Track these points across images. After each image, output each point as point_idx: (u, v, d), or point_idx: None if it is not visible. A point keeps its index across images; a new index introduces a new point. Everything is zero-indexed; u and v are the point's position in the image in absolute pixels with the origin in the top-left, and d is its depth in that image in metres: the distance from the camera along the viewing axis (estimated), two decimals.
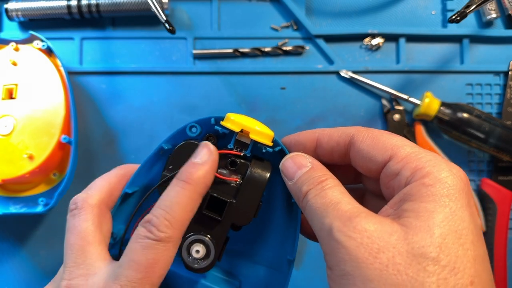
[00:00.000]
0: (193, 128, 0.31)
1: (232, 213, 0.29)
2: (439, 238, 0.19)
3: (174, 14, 0.52)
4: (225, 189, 0.29)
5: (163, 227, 0.25)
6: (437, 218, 0.20)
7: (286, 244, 0.32)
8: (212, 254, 0.29)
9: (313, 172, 0.25)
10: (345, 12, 0.52)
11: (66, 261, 0.26)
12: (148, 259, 0.24)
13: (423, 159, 0.22)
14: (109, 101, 0.51)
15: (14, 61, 0.45)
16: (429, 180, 0.21)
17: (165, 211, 0.25)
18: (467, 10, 0.41)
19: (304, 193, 0.24)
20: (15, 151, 0.43)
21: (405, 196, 0.22)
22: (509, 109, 0.50)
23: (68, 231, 0.27)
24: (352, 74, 0.50)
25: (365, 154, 0.25)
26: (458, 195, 0.21)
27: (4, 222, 0.49)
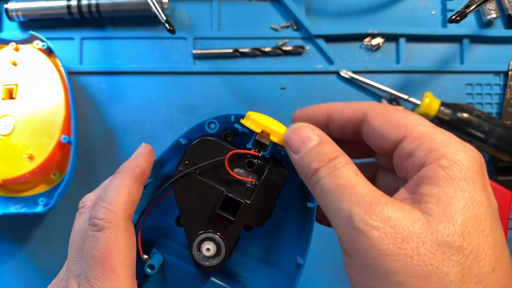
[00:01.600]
0: (211, 124, 0.30)
1: (245, 214, 0.28)
2: (462, 226, 0.19)
3: (174, 14, 0.52)
4: (241, 189, 0.29)
5: (101, 214, 0.25)
6: (458, 205, 0.20)
7: (297, 247, 0.32)
8: (223, 253, 0.29)
9: (323, 147, 0.23)
10: (345, 12, 0.52)
11: (88, 272, 0.25)
12: (99, 250, 0.24)
13: (438, 139, 0.21)
14: (109, 101, 0.51)
15: (14, 61, 0.45)
16: (445, 162, 0.21)
17: (101, 201, 0.26)
18: (467, 10, 0.41)
19: (314, 170, 0.23)
20: (15, 151, 0.43)
21: (421, 179, 0.21)
22: (509, 109, 0.50)
23: (91, 240, 0.25)
24: (352, 74, 0.50)
25: (378, 132, 0.24)
26: (475, 178, 0.20)
27: (4, 222, 0.49)
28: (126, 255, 0.25)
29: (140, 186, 0.28)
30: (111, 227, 0.25)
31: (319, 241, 0.49)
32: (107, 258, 0.24)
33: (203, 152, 0.29)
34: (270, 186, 0.28)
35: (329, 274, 0.49)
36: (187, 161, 0.29)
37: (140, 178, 0.28)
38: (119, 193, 0.26)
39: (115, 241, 0.25)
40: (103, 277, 0.24)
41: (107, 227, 0.25)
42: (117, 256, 0.25)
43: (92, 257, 0.25)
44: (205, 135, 0.30)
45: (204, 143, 0.29)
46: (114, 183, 0.27)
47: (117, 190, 0.27)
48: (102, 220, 0.25)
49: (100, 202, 0.26)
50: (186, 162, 0.29)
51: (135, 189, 0.27)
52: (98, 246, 0.25)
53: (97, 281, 0.24)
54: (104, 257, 0.24)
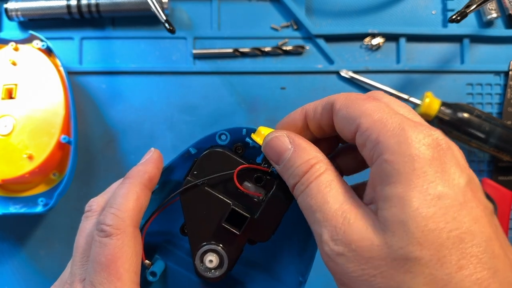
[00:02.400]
0: (222, 135, 0.30)
1: (251, 228, 0.28)
2: (417, 233, 0.18)
3: (174, 14, 0.52)
4: (247, 203, 0.29)
5: (109, 220, 0.25)
6: (410, 207, 0.18)
7: (300, 264, 0.32)
8: (225, 266, 0.29)
9: (297, 158, 0.23)
10: (345, 12, 0.52)
11: (94, 277, 0.25)
12: (106, 256, 0.24)
13: (387, 127, 0.20)
14: (109, 101, 0.51)
15: (13, 61, 0.45)
16: (390, 156, 0.19)
17: (110, 207, 0.26)
18: (467, 10, 0.41)
19: (292, 187, 0.23)
20: (14, 151, 0.43)
21: (374, 177, 0.20)
22: (509, 109, 0.50)
23: (99, 246, 0.25)
24: (352, 74, 0.50)
25: (340, 122, 0.23)
26: (427, 168, 0.19)
27: (4, 222, 0.49)
28: (132, 262, 0.25)
29: (148, 193, 0.28)
30: (119, 233, 0.25)
31: None
32: (113, 264, 0.24)
33: (213, 164, 0.29)
34: (277, 202, 0.28)
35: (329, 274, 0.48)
36: (196, 171, 0.29)
37: (148, 184, 0.28)
38: (128, 199, 0.26)
39: (122, 248, 0.25)
40: (108, 284, 0.24)
41: (114, 234, 0.25)
42: (123, 263, 0.25)
43: (98, 262, 0.25)
44: (215, 146, 0.30)
45: (214, 155, 0.29)
46: (123, 188, 0.27)
47: (126, 196, 0.27)
48: (110, 226, 0.25)
49: (109, 207, 0.26)
50: (195, 172, 0.29)
51: (144, 195, 0.27)
52: (105, 252, 0.25)
53: (102, 287, 0.24)
54: (110, 263, 0.24)
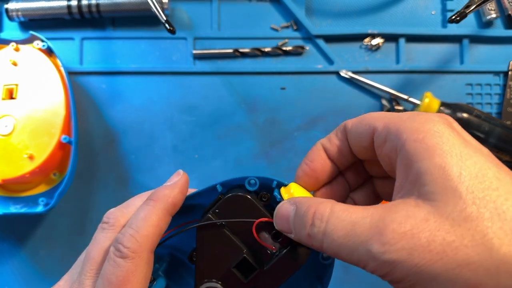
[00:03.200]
0: (252, 181, 0.30)
1: (257, 279, 0.29)
2: (468, 195, 0.18)
3: (174, 14, 0.52)
4: (260, 253, 0.29)
5: (128, 242, 0.25)
6: (452, 174, 0.19)
7: None
8: None
9: (300, 210, 0.23)
10: (345, 12, 0.52)
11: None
12: (118, 277, 0.25)
13: (403, 117, 0.22)
14: (109, 101, 0.51)
15: (14, 61, 0.45)
16: (418, 135, 0.20)
17: (130, 227, 0.26)
18: (467, 10, 0.41)
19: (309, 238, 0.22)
20: (15, 151, 0.43)
21: (406, 160, 0.20)
22: (509, 109, 0.50)
23: (112, 265, 0.25)
24: (352, 74, 0.50)
25: (354, 135, 0.25)
26: (454, 139, 0.20)
27: (4, 222, 0.49)
28: (141, 286, 0.25)
29: (169, 218, 0.28)
30: (135, 257, 0.25)
31: None
32: (123, 286, 0.25)
33: (236, 207, 0.29)
34: (289, 261, 0.28)
35: None
36: (218, 210, 0.29)
37: (171, 209, 0.28)
38: (149, 223, 0.26)
39: (135, 272, 0.25)
40: None
41: (131, 257, 0.25)
42: (133, 287, 0.25)
43: (109, 281, 0.25)
44: (241, 186, 0.30)
45: (239, 200, 0.29)
46: (146, 211, 0.27)
47: (147, 220, 0.27)
48: (128, 248, 0.25)
49: (128, 228, 0.26)
50: (216, 211, 0.29)
51: (164, 220, 0.28)
52: (117, 273, 0.25)
53: None
54: (121, 285, 0.25)
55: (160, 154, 0.50)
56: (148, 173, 0.50)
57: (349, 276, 0.48)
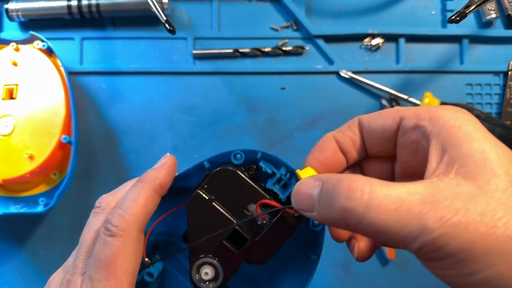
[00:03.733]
0: (237, 155, 0.31)
1: (249, 250, 0.29)
2: (508, 177, 0.19)
3: (174, 14, 0.52)
4: (250, 224, 0.29)
5: (116, 221, 0.26)
6: (491, 157, 0.20)
7: (297, 285, 0.32)
8: (220, 280, 0.29)
9: (329, 184, 0.22)
10: (345, 12, 0.52)
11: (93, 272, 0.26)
12: (107, 255, 0.25)
13: (432, 108, 0.23)
14: (109, 101, 0.51)
15: (14, 61, 0.46)
16: (455, 122, 0.21)
17: (119, 208, 0.27)
18: (466, 10, 0.41)
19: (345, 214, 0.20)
20: (15, 151, 0.43)
21: (444, 142, 0.21)
22: (508, 109, 0.50)
23: (102, 244, 0.26)
24: (352, 74, 0.50)
25: (375, 126, 0.25)
26: (480, 126, 0.21)
27: (5, 222, 0.49)
28: (130, 264, 0.26)
29: (158, 198, 0.29)
30: (123, 235, 0.26)
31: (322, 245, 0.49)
32: (112, 264, 0.25)
33: (224, 181, 0.30)
34: (280, 230, 0.29)
35: (329, 274, 0.49)
36: (207, 185, 0.30)
37: (159, 190, 0.29)
38: (137, 203, 0.27)
39: (123, 250, 0.26)
40: (105, 281, 0.25)
41: (119, 235, 0.26)
42: (122, 264, 0.26)
43: (99, 259, 0.26)
44: (228, 164, 0.31)
45: (227, 173, 0.30)
46: (134, 192, 0.28)
47: (135, 200, 0.28)
48: (116, 227, 0.26)
49: (117, 208, 0.27)
50: (205, 186, 0.30)
51: (153, 201, 0.28)
52: (106, 251, 0.26)
53: (99, 283, 0.25)
54: (110, 262, 0.25)
55: (160, 154, 0.50)
56: None
57: (349, 276, 0.48)
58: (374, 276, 0.49)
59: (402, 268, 0.49)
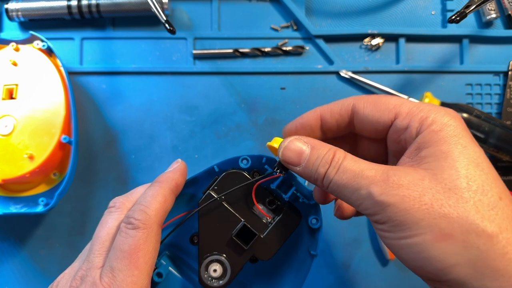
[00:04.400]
0: (244, 160, 0.34)
1: (256, 246, 0.31)
2: (463, 170, 0.23)
3: (174, 14, 0.52)
4: (257, 223, 0.32)
5: (139, 215, 0.28)
6: (455, 155, 0.23)
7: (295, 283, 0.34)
8: (227, 277, 0.31)
9: (318, 152, 0.27)
10: (345, 12, 0.52)
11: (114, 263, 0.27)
12: (130, 246, 0.27)
13: (425, 109, 0.26)
14: (109, 101, 0.51)
15: (14, 61, 0.46)
16: (436, 127, 0.25)
17: (140, 204, 0.29)
18: (466, 10, 0.41)
19: (323, 174, 0.26)
20: (15, 151, 0.43)
21: (419, 145, 0.25)
22: (508, 109, 0.50)
23: (124, 236, 0.28)
24: (352, 74, 0.50)
25: (371, 118, 0.28)
26: (462, 132, 0.24)
27: (5, 222, 0.49)
28: (151, 256, 0.28)
29: (174, 197, 0.31)
30: (145, 228, 0.28)
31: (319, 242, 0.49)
32: (135, 254, 0.27)
33: (232, 182, 0.32)
34: (284, 226, 0.32)
35: (329, 274, 0.49)
36: (217, 187, 0.32)
37: (175, 190, 0.31)
38: (157, 200, 0.29)
39: (146, 241, 0.27)
40: (127, 271, 0.26)
41: (142, 227, 0.27)
42: (144, 255, 0.27)
43: (121, 250, 0.27)
44: (236, 168, 0.33)
45: (234, 175, 0.33)
46: (153, 190, 0.30)
47: (155, 197, 0.29)
48: (139, 220, 0.28)
49: (138, 204, 0.29)
50: (215, 188, 0.32)
51: (170, 199, 0.30)
52: (129, 242, 0.27)
53: (121, 273, 0.26)
54: (133, 253, 0.27)
55: (160, 154, 0.50)
56: (148, 173, 0.50)
57: (349, 276, 0.48)
58: (374, 276, 0.49)
59: (402, 268, 0.49)
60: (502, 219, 0.22)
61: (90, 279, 0.26)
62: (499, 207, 0.22)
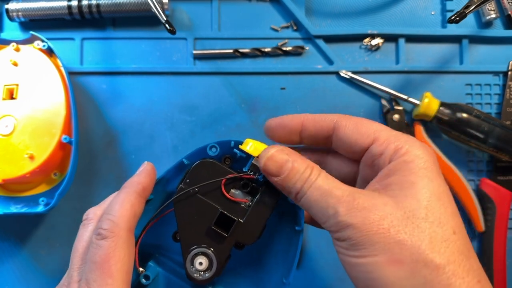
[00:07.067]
0: (213, 148, 0.33)
1: (238, 231, 0.31)
2: (424, 201, 0.24)
3: (174, 14, 0.52)
4: (235, 209, 0.31)
5: (105, 225, 0.28)
6: (419, 187, 0.25)
7: (284, 267, 0.34)
8: (214, 268, 0.31)
9: (298, 167, 0.28)
10: (344, 12, 0.52)
11: (88, 275, 0.27)
12: (100, 256, 0.27)
13: (402, 139, 0.27)
14: (109, 101, 0.51)
15: (15, 61, 0.46)
16: (408, 157, 0.26)
17: (106, 213, 0.29)
18: (466, 10, 0.41)
19: (298, 189, 0.27)
20: (16, 151, 0.44)
21: (389, 172, 0.26)
22: (508, 109, 0.50)
23: (95, 247, 0.28)
24: (352, 74, 0.50)
25: (349, 138, 0.29)
26: (432, 167, 0.26)
27: (5, 221, 0.49)
28: (124, 262, 0.28)
29: (142, 201, 0.31)
30: (113, 236, 0.28)
31: (319, 241, 0.49)
32: (106, 264, 0.27)
33: (204, 173, 0.32)
34: (262, 207, 0.31)
35: (329, 274, 0.49)
36: (188, 180, 0.32)
37: (142, 193, 0.31)
38: (123, 207, 0.29)
39: (115, 249, 0.28)
40: (100, 281, 0.27)
41: (109, 236, 0.28)
42: (116, 263, 0.27)
43: (93, 262, 0.27)
44: (206, 158, 0.33)
45: (205, 165, 0.32)
46: (119, 197, 0.30)
47: (121, 204, 0.30)
48: (106, 230, 0.28)
49: (106, 214, 0.29)
50: (187, 181, 0.32)
51: (138, 203, 0.30)
52: (99, 253, 0.27)
53: (95, 283, 0.27)
54: (104, 262, 0.27)
55: (160, 154, 0.51)
56: None
57: None
58: None
59: None
60: (452, 252, 0.23)
61: None
62: (451, 240, 0.24)
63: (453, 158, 0.49)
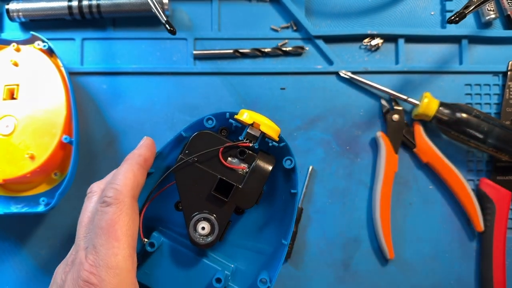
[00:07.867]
0: (209, 120, 0.35)
1: (237, 197, 0.33)
2: None
3: (174, 15, 0.52)
4: (234, 176, 0.33)
5: (110, 193, 0.30)
6: None
7: (282, 230, 0.36)
8: (216, 232, 0.33)
9: None
10: (344, 13, 0.52)
11: (95, 240, 0.29)
12: (106, 221, 0.29)
13: None
14: (110, 101, 0.51)
15: (15, 61, 0.46)
16: None
17: (110, 183, 0.31)
18: (466, 10, 0.41)
19: None
20: (16, 151, 0.44)
21: None
22: (508, 109, 0.50)
23: (100, 214, 0.30)
24: (352, 74, 0.50)
25: None
26: None
27: (5, 221, 0.49)
28: (129, 227, 0.29)
29: (144, 172, 0.33)
30: (118, 202, 0.29)
31: (319, 241, 0.49)
32: (112, 228, 0.28)
33: (202, 143, 0.33)
34: (259, 172, 0.33)
35: (329, 274, 0.49)
36: (188, 150, 0.34)
37: (144, 164, 0.33)
38: (126, 176, 0.31)
39: (120, 214, 0.29)
40: (107, 244, 0.28)
41: (114, 203, 0.29)
42: (121, 227, 0.28)
43: (99, 227, 0.28)
44: (203, 129, 0.35)
45: (203, 136, 0.34)
46: (122, 168, 0.32)
47: (124, 174, 0.31)
48: (111, 197, 0.29)
49: (110, 184, 0.31)
50: (186, 152, 0.34)
51: (140, 174, 0.32)
52: (105, 218, 0.29)
53: (102, 248, 0.28)
54: (109, 227, 0.28)
55: None
56: None
57: (348, 275, 0.49)
58: (374, 276, 0.49)
59: (401, 268, 0.49)
60: None
61: (78, 261, 0.28)
62: None
63: (453, 158, 0.49)
